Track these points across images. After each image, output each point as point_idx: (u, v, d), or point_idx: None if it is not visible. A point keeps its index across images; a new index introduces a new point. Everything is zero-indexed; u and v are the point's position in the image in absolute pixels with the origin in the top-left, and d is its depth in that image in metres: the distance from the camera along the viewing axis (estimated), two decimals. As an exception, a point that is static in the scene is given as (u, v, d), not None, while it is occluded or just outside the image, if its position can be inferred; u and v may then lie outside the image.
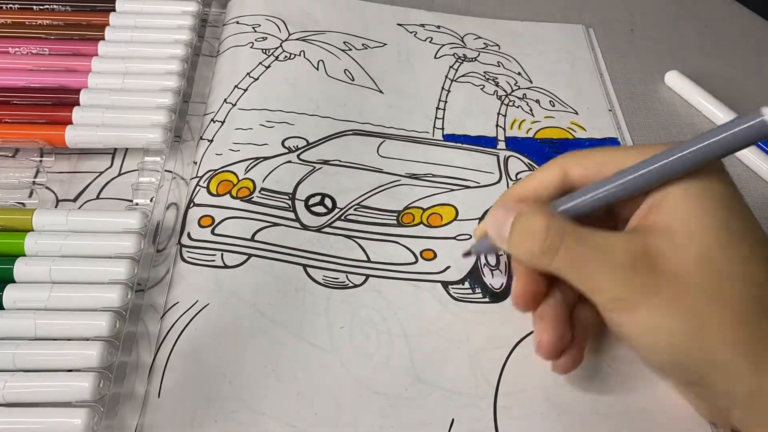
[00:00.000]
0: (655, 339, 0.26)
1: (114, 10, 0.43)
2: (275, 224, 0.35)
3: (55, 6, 0.43)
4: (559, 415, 0.30)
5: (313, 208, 0.36)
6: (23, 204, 0.35)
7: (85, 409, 0.27)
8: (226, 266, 0.33)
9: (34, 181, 0.36)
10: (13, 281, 0.30)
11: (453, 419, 0.30)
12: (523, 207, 0.29)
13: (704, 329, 0.25)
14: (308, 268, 0.34)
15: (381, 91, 0.43)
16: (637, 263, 0.26)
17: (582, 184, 0.29)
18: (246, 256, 0.34)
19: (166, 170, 0.37)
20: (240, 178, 0.37)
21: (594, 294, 0.27)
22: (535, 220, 0.27)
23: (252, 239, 0.34)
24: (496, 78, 0.45)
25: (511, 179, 0.39)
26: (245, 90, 0.41)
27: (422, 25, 0.48)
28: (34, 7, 0.43)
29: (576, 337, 0.29)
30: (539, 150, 0.41)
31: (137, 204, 0.35)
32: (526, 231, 0.28)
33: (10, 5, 0.43)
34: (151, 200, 0.35)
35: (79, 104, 0.38)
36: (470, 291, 0.34)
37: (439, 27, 0.48)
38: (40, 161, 0.37)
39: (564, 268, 0.27)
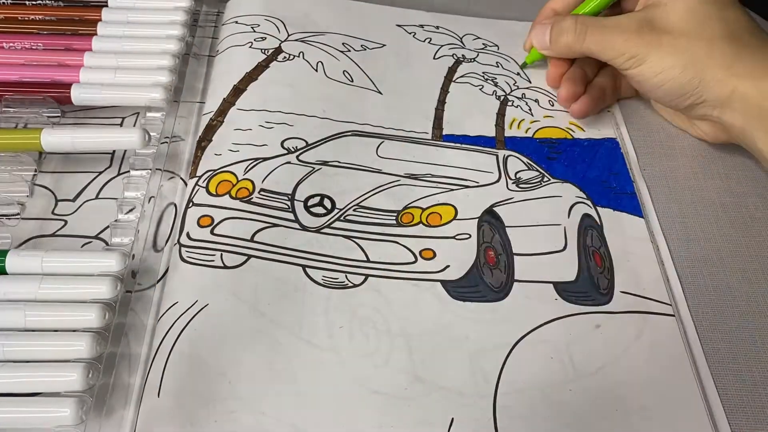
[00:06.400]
0: (662, 77, 0.38)
1: (106, 6, 0.43)
2: (274, 225, 0.35)
3: (48, 1, 0.43)
4: (559, 414, 0.30)
5: (312, 209, 0.36)
6: (23, 204, 0.35)
7: (73, 399, 0.27)
8: (225, 266, 0.33)
9: (34, 174, 0.36)
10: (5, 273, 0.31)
11: (453, 419, 0.30)
12: (553, 18, 0.42)
13: (694, 59, 0.37)
14: (307, 269, 0.34)
15: (380, 92, 0.43)
16: (642, 28, 0.38)
17: None
18: (245, 257, 0.34)
19: (165, 170, 0.37)
20: (239, 179, 0.37)
21: (615, 59, 0.39)
22: (565, 21, 0.41)
23: (251, 240, 0.34)
24: (495, 78, 0.45)
25: (510, 178, 0.39)
26: (244, 90, 0.41)
27: (421, 26, 0.48)
28: (27, 2, 0.43)
29: (593, 97, 0.43)
30: (538, 149, 0.41)
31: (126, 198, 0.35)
32: (560, 30, 0.41)
33: (3, 0, 0.43)
34: (141, 194, 0.35)
35: (71, 100, 0.38)
36: (470, 290, 0.34)
37: (438, 27, 0.48)
38: (41, 156, 0.37)
39: (592, 46, 0.40)
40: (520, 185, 0.39)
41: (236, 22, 0.45)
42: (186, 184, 0.37)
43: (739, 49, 0.37)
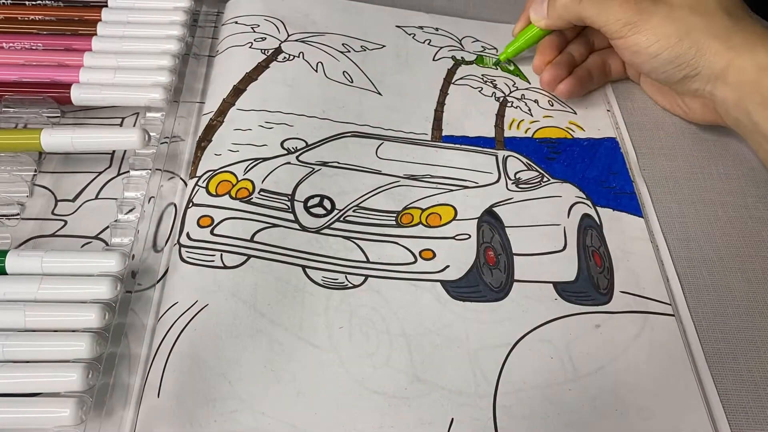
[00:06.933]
0: (658, 46, 0.38)
1: (106, 6, 0.43)
2: (274, 225, 0.35)
3: (48, 1, 0.43)
4: (559, 414, 0.30)
5: (312, 210, 0.36)
6: (23, 204, 0.35)
7: (73, 399, 0.27)
8: (225, 267, 0.33)
9: (34, 175, 0.36)
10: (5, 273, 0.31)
11: (452, 419, 0.30)
12: None
13: (690, 29, 0.37)
14: (307, 269, 0.34)
15: (380, 93, 0.43)
16: None
17: None
18: (245, 257, 0.34)
19: (165, 170, 0.37)
20: (239, 179, 0.37)
21: (610, 25, 0.39)
22: None
23: (251, 240, 0.34)
24: (494, 80, 0.45)
25: (509, 179, 0.39)
26: (244, 90, 0.41)
27: (421, 27, 0.48)
28: (27, 2, 0.43)
29: (579, 77, 0.43)
30: (538, 149, 0.41)
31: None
32: None
33: (3, 1, 0.43)
34: (141, 194, 0.35)
35: (71, 100, 0.38)
36: (470, 290, 0.34)
37: (437, 29, 0.48)
38: (41, 156, 0.37)
39: (588, 9, 0.39)
40: (520, 185, 0.39)
41: (236, 23, 0.45)
42: (186, 185, 0.37)
43: (735, 23, 0.37)
